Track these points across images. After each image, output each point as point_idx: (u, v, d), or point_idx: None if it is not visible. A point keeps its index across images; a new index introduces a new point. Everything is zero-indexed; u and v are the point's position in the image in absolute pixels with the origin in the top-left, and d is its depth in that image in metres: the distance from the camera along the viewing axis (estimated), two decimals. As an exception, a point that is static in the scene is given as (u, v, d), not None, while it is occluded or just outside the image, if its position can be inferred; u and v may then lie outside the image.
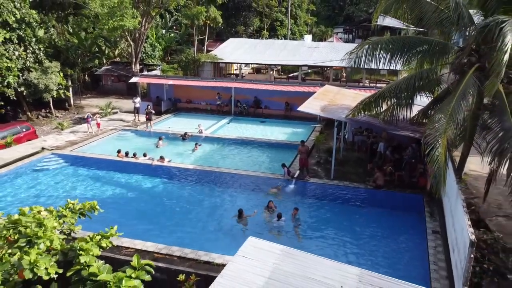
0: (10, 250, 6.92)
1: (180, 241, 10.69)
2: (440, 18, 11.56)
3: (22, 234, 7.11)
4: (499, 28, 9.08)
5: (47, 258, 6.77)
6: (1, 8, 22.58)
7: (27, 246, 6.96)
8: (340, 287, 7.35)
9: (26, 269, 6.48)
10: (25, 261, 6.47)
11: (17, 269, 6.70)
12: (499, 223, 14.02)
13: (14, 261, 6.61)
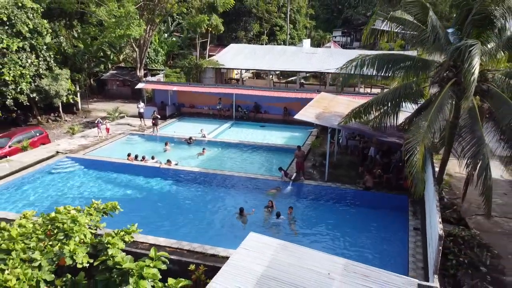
0: (50, 242, 8.29)
1: (188, 236, 11.99)
2: (421, 38, 12.91)
3: (60, 229, 8.49)
4: (468, 51, 10.41)
5: (82, 248, 8.20)
6: (15, 19, 23.94)
7: (64, 239, 8.35)
8: (328, 274, 8.69)
9: (67, 257, 7.90)
10: (66, 250, 7.89)
11: (59, 257, 8.08)
12: (477, 221, 15.38)
13: (56, 250, 7.97)
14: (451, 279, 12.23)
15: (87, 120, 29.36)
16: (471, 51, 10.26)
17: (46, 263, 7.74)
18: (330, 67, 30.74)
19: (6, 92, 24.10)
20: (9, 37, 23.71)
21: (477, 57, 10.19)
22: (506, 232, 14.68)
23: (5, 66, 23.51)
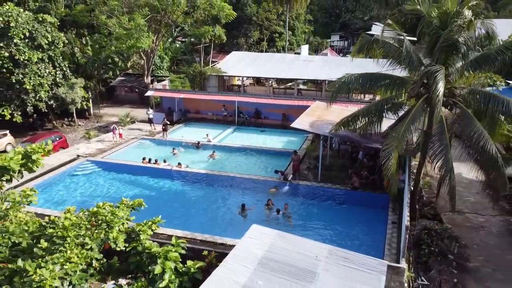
0: (96, 231, 10.47)
1: (200, 229, 14.10)
2: (399, 59, 15.07)
3: (103, 220, 10.68)
4: (434, 76, 12.55)
5: (122, 235, 10.40)
6: (36, 33, 26.09)
7: (107, 228, 10.53)
8: (315, 257, 10.84)
9: (111, 242, 10.09)
10: (111, 236, 10.06)
11: (104, 242, 10.27)
12: (450, 217, 17.56)
13: (102, 237, 10.16)
14: (423, 265, 14.42)
15: (99, 125, 31.51)
16: (436, 76, 12.41)
17: (96, 246, 9.90)
18: (326, 74, 32.94)
19: (26, 100, 26.29)
20: (30, 49, 25.85)
21: (441, 82, 12.33)
22: (475, 226, 16.86)
23: (26, 76, 25.67)
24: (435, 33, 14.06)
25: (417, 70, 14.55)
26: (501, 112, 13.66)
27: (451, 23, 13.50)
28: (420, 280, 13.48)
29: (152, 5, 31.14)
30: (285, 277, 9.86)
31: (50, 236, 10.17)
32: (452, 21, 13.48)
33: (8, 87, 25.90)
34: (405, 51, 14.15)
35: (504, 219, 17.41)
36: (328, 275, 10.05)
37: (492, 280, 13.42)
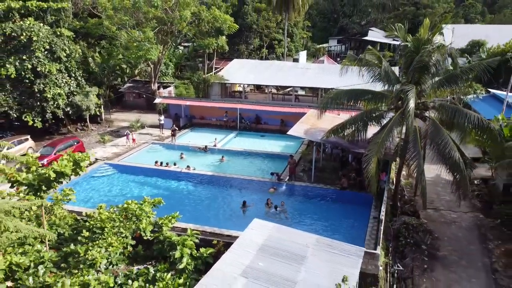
0: (128, 223, 12.92)
1: (208, 223, 16.46)
2: (380, 77, 17.47)
3: (133, 214, 13.13)
4: (406, 94, 14.97)
5: (149, 226, 12.86)
6: (55, 46, 28.50)
7: (137, 221, 12.99)
8: (305, 244, 13.24)
9: (141, 231, 12.55)
10: (141, 227, 12.52)
11: (134, 232, 12.73)
12: (427, 213, 20.01)
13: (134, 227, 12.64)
14: (400, 254, 16.87)
15: (110, 129, 33.91)
16: (408, 94, 14.83)
17: (129, 234, 12.34)
18: (322, 82, 35.35)
19: (46, 107, 28.71)
20: (50, 61, 28.26)
21: (412, 99, 14.76)
22: (448, 221, 19.30)
23: (46, 86, 28.09)
24: (410, 56, 16.48)
25: (395, 87, 16.96)
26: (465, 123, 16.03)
27: (422, 48, 15.90)
28: (396, 266, 15.91)
29: (159, 17, 33.56)
30: (281, 259, 12.30)
31: (90, 227, 12.62)
32: (423, 47, 15.87)
33: (30, 95, 28.32)
34: (383, 72, 16.56)
35: (474, 215, 19.84)
36: (315, 259, 12.49)
37: (456, 265, 15.86)
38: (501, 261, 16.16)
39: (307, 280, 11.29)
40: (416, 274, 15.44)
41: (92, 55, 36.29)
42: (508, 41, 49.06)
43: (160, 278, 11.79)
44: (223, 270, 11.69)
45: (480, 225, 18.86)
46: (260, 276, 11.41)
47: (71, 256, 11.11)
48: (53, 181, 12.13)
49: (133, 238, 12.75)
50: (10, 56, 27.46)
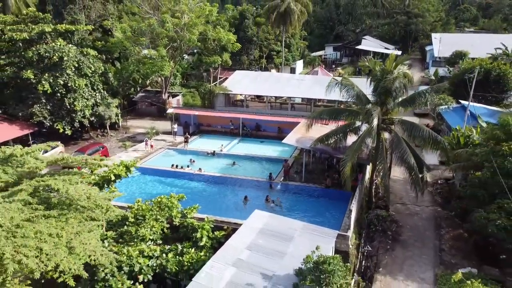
0: (162, 213, 17.35)
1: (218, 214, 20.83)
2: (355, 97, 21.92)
3: (166, 206, 17.57)
4: (371, 114, 19.42)
5: (179, 214, 17.38)
6: (82, 64, 32.98)
7: (169, 210, 17.44)
8: (294, 229, 17.69)
9: (173, 218, 17.06)
10: (173, 215, 17.02)
11: (167, 218, 17.19)
12: (396, 207, 24.46)
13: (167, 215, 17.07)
14: (370, 239, 21.32)
15: (127, 135, 38.35)
16: (373, 114, 19.30)
17: (164, 220, 16.80)
18: (315, 93, 39.75)
19: (75, 117, 33.15)
20: (78, 77, 32.73)
21: (376, 118, 19.22)
22: (411, 213, 23.78)
23: (76, 99, 32.55)
24: (377, 82, 20.93)
25: (366, 106, 21.42)
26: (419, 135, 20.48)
27: (385, 77, 20.35)
28: (366, 247, 20.39)
29: (170, 36, 37.99)
30: (275, 239, 16.77)
31: (134, 215, 17.06)
32: (385, 76, 20.32)
33: (61, 107, 32.77)
34: (356, 95, 21.05)
35: (434, 208, 24.34)
36: (300, 238, 16.95)
37: (413, 246, 20.34)
38: (448, 243, 20.67)
39: (293, 252, 15.78)
40: (380, 253, 19.94)
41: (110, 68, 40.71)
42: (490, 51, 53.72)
43: (186, 252, 16.26)
44: (233, 245, 16.16)
45: (437, 217, 23.36)
46: (259, 249, 15.91)
47: (125, 234, 15.54)
48: (112, 181, 16.54)
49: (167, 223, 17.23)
50: (44, 73, 31.93)
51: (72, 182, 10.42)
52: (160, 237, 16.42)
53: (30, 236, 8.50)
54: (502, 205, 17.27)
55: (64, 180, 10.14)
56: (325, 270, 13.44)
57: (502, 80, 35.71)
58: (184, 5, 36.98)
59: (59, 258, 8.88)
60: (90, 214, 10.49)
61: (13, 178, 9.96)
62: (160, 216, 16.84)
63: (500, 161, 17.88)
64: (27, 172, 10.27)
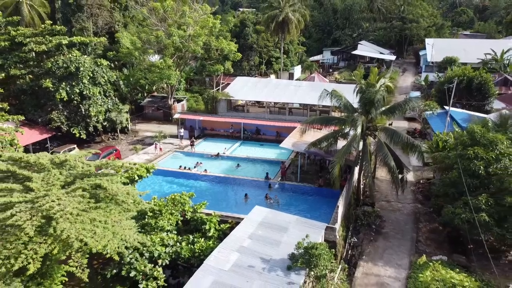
0: (176, 207, 20.31)
1: (222, 210, 23.73)
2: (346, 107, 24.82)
3: (179, 202, 20.53)
4: (355, 122, 22.32)
5: (190, 209, 20.37)
6: (96, 74, 35.90)
7: (182, 206, 20.42)
8: (289, 222, 20.65)
9: (186, 212, 20.03)
10: (186, 209, 19.98)
11: (181, 212, 20.16)
12: (381, 204, 27.37)
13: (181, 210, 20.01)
14: (356, 231, 24.23)
15: (136, 139, 41.28)
16: (357, 122, 22.21)
17: (178, 213, 19.71)
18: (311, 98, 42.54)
19: (89, 122, 36.07)
20: (92, 86, 35.65)
21: (359, 126, 22.14)
22: (394, 209, 26.68)
23: (90, 106, 35.47)
24: (362, 93, 23.83)
25: (353, 114, 24.33)
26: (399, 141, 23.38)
27: (368, 89, 23.25)
28: (353, 238, 23.30)
29: (176, 46, 40.87)
30: (272, 230, 19.68)
31: (151, 209, 19.94)
32: (368, 89, 23.23)
33: (76, 113, 35.70)
34: (344, 105, 23.97)
35: (414, 205, 27.26)
36: (294, 229, 19.85)
37: (393, 238, 23.25)
38: (424, 235, 23.60)
39: (287, 241, 18.68)
40: (364, 243, 22.86)
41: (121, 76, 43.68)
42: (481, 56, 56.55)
43: (197, 241, 19.17)
44: (236, 235, 19.08)
45: (417, 212, 26.29)
46: (259, 238, 18.82)
47: (146, 226, 18.44)
48: (135, 181, 19.40)
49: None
50: (61, 82, 34.84)
51: (113, 181, 13.31)
52: (175, 229, 19.31)
53: (86, 222, 11.35)
54: (467, 201, 20.16)
55: (107, 180, 12.98)
56: (313, 254, 16.36)
57: (484, 88, 38.60)
58: (189, 18, 39.84)
59: (107, 239, 11.74)
60: (126, 207, 13.33)
61: (70, 178, 12.79)
62: (175, 210, 19.75)
63: (466, 164, 20.79)
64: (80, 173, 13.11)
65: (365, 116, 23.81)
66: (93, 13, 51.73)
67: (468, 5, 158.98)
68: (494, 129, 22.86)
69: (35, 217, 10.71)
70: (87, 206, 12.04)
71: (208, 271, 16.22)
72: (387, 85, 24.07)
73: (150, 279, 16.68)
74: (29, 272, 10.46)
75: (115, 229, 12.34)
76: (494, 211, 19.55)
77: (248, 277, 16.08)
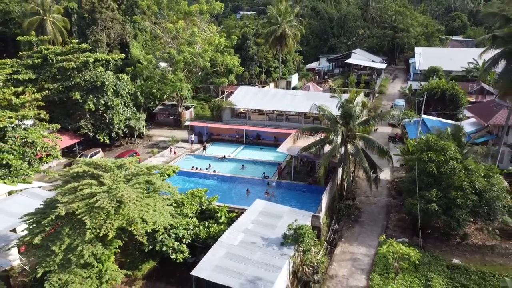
0: (195, 200, 25.97)
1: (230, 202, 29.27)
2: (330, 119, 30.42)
3: (196, 196, 26.21)
4: (337, 132, 27.92)
5: (206, 201, 26.09)
6: (118, 87, 41.53)
7: (199, 199, 26.07)
8: (283, 211, 26.34)
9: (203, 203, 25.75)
10: (203, 201, 25.70)
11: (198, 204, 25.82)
12: (361, 199, 32.99)
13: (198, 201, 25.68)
14: (338, 221, 29.85)
15: (151, 143, 46.87)
16: (337, 132, 27.84)
17: (197, 205, 25.32)
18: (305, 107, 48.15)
19: (112, 129, 41.68)
20: (115, 98, 41.26)
21: (339, 135, 27.76)
22: (371, 203, 32.31)
23: (114, 115, 41.09)
24: (343, 108, 29.43)
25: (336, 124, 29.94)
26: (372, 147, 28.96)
27: (347, 105, 28.84)
28: (335, 226, 28.92)
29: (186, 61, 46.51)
30: (270, 217, 25.31)
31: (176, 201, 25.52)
32: (348, 105, 28.81)
33: (101, 121, 41.31)
34: (327, 117, 29.62)
35: (388, 200, 32.89)
36: (287, 217, 25.45)
37: (367, 225, 28.86)
38: (393, 223, 29.22)
39: (281, 225, 24.25)
40: (344, 229, 28.48)
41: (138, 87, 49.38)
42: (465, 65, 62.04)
43: (211, 226, 24.75)
44: (242, 221, 24.66)
45: (389, 205, 31.92)
46: (259, 223, 24.44)
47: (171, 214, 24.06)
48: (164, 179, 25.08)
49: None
50: (88, 94, 40.47)
51: (158, 178, 18.78)
52: (194, 216, 24.90)
53: (143, 206, 16.81)
54: (422, 195, 25.76)
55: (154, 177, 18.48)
56: (300, 233, 21.97)
57: (455, 98, 44.22)
58: (198, 37, 45.49)
59: (155, 218, 17.22)
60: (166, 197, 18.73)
61: (129, 176, 18.27)
62: (194, 202, 25.33)
63: (423, 165, 26.39)
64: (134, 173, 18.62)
65: (345, 127, 29.42)
66: (106, 26, 57.53)
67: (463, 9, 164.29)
68: (448, 137, 28.41)
69: (112, 202, 16.22)
70: (142, 195, 17.53)
71: (222, 245, 21.84)
72: (363, 101, 29.61)
73: (177, 253, 22.26)
74: (109, 237, 15.98)
75: (161, 212, 17.86)
76: (442, 203, 25.16)
77: (252, 250, 21.69)
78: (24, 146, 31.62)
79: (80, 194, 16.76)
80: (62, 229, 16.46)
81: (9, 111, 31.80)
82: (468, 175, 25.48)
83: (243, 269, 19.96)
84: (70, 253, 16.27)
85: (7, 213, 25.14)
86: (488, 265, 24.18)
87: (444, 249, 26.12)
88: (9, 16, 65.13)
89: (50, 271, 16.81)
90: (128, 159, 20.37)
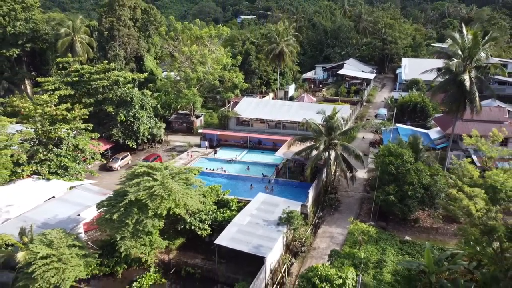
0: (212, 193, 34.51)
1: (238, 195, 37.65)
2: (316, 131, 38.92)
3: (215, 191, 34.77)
4: (319, 141, 36.40)
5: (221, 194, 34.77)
6: (143, 101, 50.08)
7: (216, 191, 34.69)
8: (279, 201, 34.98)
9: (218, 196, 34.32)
10: (219, 193, 34.25)
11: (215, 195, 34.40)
12: (341, 193, 41.64)
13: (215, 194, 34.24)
14: (322, 210, 38.41)
15: (169, 147, 55.38)
16: (321, 142, 36.35)
17: (215, 196, 33.81)
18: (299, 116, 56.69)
19: (139, 136, 50.21)
20: (141, 110, 49.78)
21: (322, 144, 36.23)
22: (349, 196, 40.87)
23: (140, 125, 49.62)
24: (326, 122, 37.95)
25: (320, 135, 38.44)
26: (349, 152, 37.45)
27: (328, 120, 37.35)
28: (320, 213, 37.48)
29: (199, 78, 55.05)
30: (269, 206, 33.94)
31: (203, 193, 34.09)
32: (330, 120, 37.31)
33: (129, 130, 49.82)
34: (313, 130, 38.15)
35: (363, 194, 41.44)
36: (282, 205, 34.03)
37: (344, 213, 37.39)
38: (364, 211, 37.76)
39: (278, 211, 32.75)
40: (326, 215, 37.03)
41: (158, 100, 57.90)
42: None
43: (225, 212, 33.28)
44: (248, 209, 33.17)
45: (363, 198, 40.46)
46: (262, 210, 33.01)
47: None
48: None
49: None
50: (119, 108, 48.97)
51: (192, 176, 27.29)
52: (213, 204, 33.40)
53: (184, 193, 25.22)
54: (384, 189, 34.27)
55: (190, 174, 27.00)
56: (291, 216, 30.50)
57: (424, 110, 52.75)
58: (209, 58, 54.05)
59: (192, 203, 25.65)
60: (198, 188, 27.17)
61: (173, 174, 26.66)
62: (213, 194, 33.84)
63: (385, 167, 34.90)
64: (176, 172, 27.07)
65: (327, 137, 37.94)
66: (124, 42, 66.21)
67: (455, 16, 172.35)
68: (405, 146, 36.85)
69: (165, 191, 24.68)
70: (183, 187, 26.01)
71: (234, 225, 30.35)
72: (342, 116, 38.07)
73: (202, 230, 30.75)
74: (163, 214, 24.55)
75: (195, 199, 26.41)
76: (398, 195, 33.68)
77: (256, 228, 30.21)
78: (74, 151, 40.16)
79: (142, 186, 25.32)
80: (131, 209, 24.99)
81: (64, 123, 40.31)
82: (417, 174, 34.00)
83: (250, 240, 28.48)
84: (137, 225, 24.82)
85: (72, 203, 33.79)
86: (431, 241, 32.70)
87: (400, 230, 34.64)
88: (37, 34, 73.63)
89: (122, 238, 25.34)
90: (167, 163, 28.95)
